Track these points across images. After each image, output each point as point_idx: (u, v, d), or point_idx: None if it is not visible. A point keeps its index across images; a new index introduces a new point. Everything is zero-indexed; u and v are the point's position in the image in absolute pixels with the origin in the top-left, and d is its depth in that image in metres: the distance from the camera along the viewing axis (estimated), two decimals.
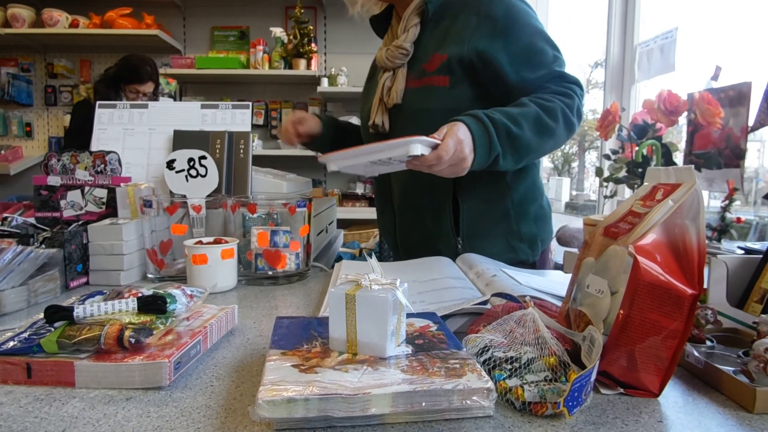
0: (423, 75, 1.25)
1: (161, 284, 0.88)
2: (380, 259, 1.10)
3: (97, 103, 1.43)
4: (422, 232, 1.32)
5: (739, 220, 1.51)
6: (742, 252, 0.95)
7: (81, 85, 4.06)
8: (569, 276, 0.75)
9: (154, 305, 0.70)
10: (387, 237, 1.50)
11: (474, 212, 1.28)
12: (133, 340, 0.62)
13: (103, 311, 0.68)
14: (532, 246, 1.32)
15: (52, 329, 0.65)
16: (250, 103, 1.43)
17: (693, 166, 0.82)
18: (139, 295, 0.72)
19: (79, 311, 0.66)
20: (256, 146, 3.80)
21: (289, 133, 1.40)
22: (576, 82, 1.20)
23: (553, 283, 0.97)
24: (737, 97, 1.61)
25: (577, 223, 2.29)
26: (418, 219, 1.34)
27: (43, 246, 0.99)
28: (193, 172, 1.27)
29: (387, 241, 1.53)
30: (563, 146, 1.25)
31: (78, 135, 2.89)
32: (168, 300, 0.72)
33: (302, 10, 3.57)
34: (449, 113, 1.15)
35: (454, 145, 0.98)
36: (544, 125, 1.11)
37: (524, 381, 0.57)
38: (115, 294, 0.75)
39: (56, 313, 0.66)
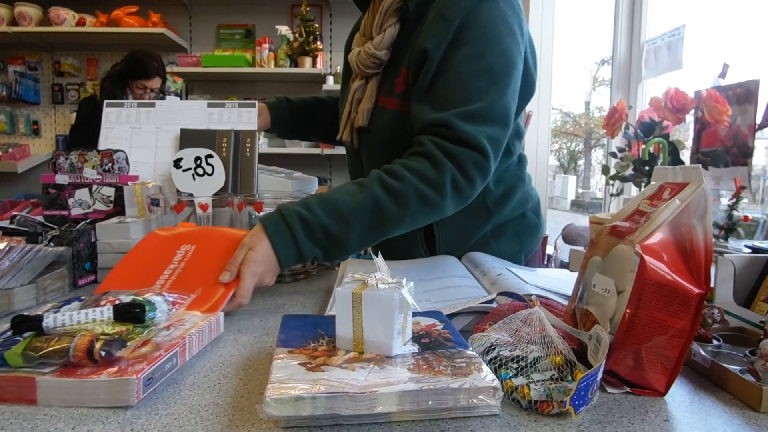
0: (392, 94, 1.10)
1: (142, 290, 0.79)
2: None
3: (105, 102, 1.44)
4: (394, 256, 1.15)
5: (746, 218, 1.51)
6: (750, 251, 0.94)
7: (88, 81, 4.08)
8: (575, 275, 0.75)
9: (130, 314, 0.65)
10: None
11: (450, 239, 1.18)
12: (104, 353, 0.57)
13: (76, 321, 0.62)
14: (514, 263, 1.19)
15: (20, 340, 0.59)
16: (257, 102, 1.43)
17: (700, 165, 0.81)
18: (116, 302, 0.67)
19: (48, 321, 0.61)
20: (262, 145, 3.81)
21: None
22: (468, 142, 0.96)
23: (560, 282, 0.97)
24: (745, 94, 1.61)
25: (583, 221, 2.29)
26: (390, 245, 1.14)
27: (52, 244, 0.99)
28: (199, 170, 1.27)
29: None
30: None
31: (83, 132, 2.91)
32: (146, 308, 0.67)
33: (308, 8, 3.57)
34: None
35: (245, 266, 0.87)
36: (385, 217, 0.93)
37: (530, 380, 0.57)
38: (93, 301, 0.70)
39: (24, 323, 0.61)
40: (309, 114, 1.47)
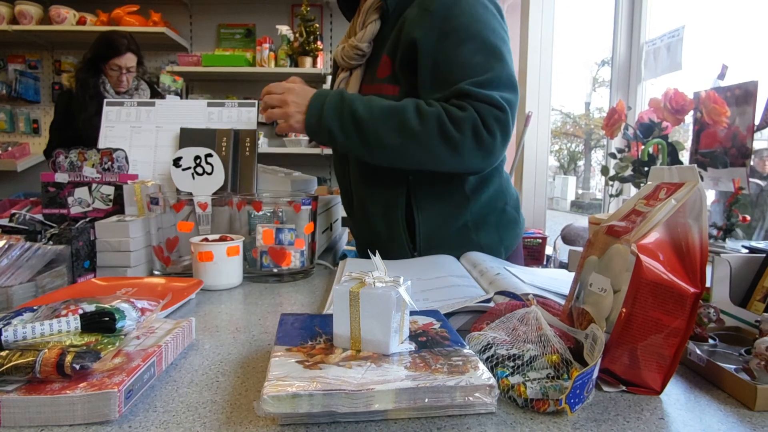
0: (374, 80, 1.19)
1: (108, 297, 0.75)
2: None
3: (105, 101, 1.44)
4: (379, 245, 1.19)
5: (744, 219, 1.51)
6: (747, 251, 0.95)
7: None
8: (572, 274, 0.75)
9: (100, 323, 0.61)
10: (358, 240, 1.47)
11: (430, 225, 1.22)
12: (77, 366, 0.52)
13: (39, 333, 0.58)
14: (495, 255, 1.23)
15: None
16: (257, 101, 1.44)
17: (696, 165, 0.82)
18: (81, 311, 0.63)
19: (8, 334, 0.56)
20: (262, 144, 3.81)
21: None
22: (486, 100, 1.03)
23: (557, 281, 0.97)
24: (744, 95, 1.61)
25: (582, 221, 2.29)
26: (374, 232, 1.29)
27: (51, 242, 0.99)
28: (199, 169, 1.27)
29: (357, 243, 1.49)
30: (461, 161, 1.08)
31: (61, 129, 2.79)
32: (116, 316, 0.63)
33: (308, 8, 3.57)
34: None
35: (284, 85, 1.09)
36: (405, 125, 1.03)
37: (527, 378, 0.57)
38: (50, 312, 0.65)
39: None
40: None
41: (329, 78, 3.67)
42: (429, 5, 1.10)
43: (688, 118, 1.84)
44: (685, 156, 1.84)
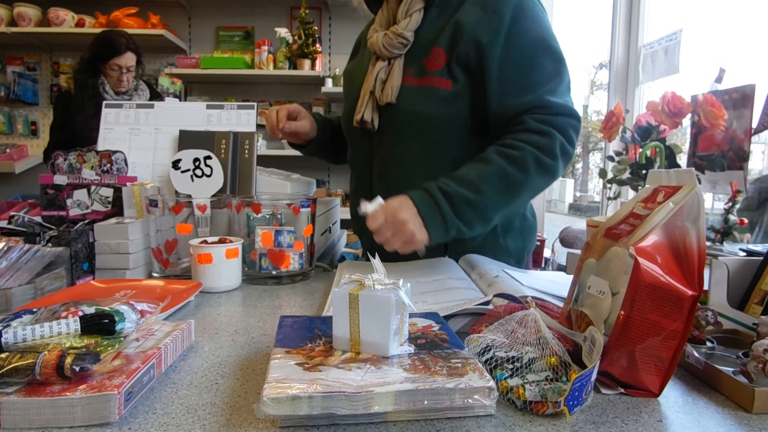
0: (423, 73, 1.15)
1: (108, 300, 0.76)
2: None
3: (104, 103, 1.44)
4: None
5: (742, 222, 1.51)
6: (744, 254, 0.95)
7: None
8: (570, 277, 0.75)
9: (100, 325, 0.61)
10: (364, 238, 1.41)
11: None
12: (77, 368, 0.52)
13: (39, 335, 0.58)
14: (519, 260, 1.28)
15: None
16: (255, 104, 1.44)
17: (693, 168, 0.82)
18: (80, 313, 0.63)
19: (8, 336, 0.57)
20: (261, 146, 3.81)
21: (273, 121, 1.29)
22: (564, 112, 1.08)
23: (555, 284, 0.97)
24: (741, 99, 1.62)
25: (580, 224, 2.29)
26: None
27: (50, 244, 0.99)
28: (198, 172, 1.28)
29: (363, 242, 1.44)
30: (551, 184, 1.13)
31: (60, 130, 2.75)
32: (116, 318, 0.63)
33: (307, 11, 3.58)
34: (449, 121, 1.14)
35: (384, 211, 0.97)
36: (511, 182, 1.03)
37: (525, 380, 0.58)
38: (50, 314, 0.65)
39: None
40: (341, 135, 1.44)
41: (328, 80, 3.68)
42: (496, 6, 1.10)
43: (686, 122, 1.85)
44: (682, 159, 1.85)
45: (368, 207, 0.97)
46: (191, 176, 1.27)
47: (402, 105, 1.16)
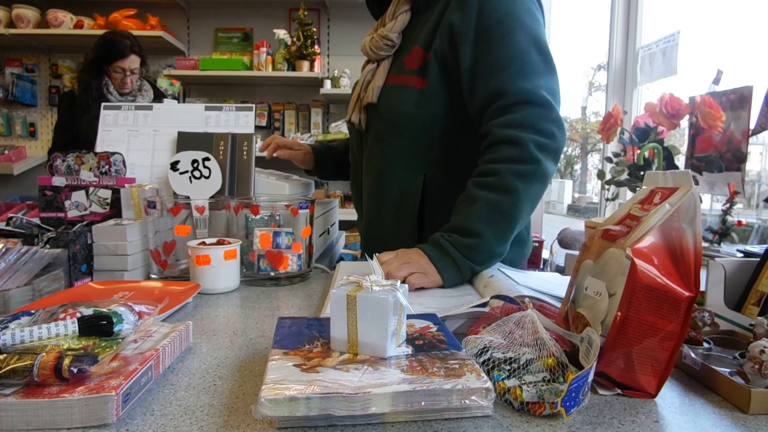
0: (401, 72, 1.16)
1: (106, 301, 0.77)
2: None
3: (102, 105, 1.44)
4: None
5: (740, 223, 1.52)
6: (742, 255, 0.95)
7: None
8: (565, 277, 0.75)
9: (98, 327, 0.62)
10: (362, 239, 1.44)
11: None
12: (75, 370, 0.52)
13: (37, 337, 0.58)
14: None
15: None
16: (254, 106, 1.44)
17: (690, 170, 0.82)
18: (78, 315, 0.63)
19: (6, 338, 0.57)
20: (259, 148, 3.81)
21: (267, 145, 1.52)
22: (527, 100, 1.01)
23: (551, 284, 0.97)
24: (738, 100, 1.62)
25: (579, 225, 2.29)
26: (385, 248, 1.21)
27: (48, 246, 0.99)
28: (196, 173, 1.28)
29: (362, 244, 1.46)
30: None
31: (65, 130, 2.73)
32: (114, 320, 0.63)
33: (306, 12, 3.58)
34: (423, 120, 1.14)
35: (396, 253, 0.99)
36: (502, 210, 0.99)
37: (522, 381, 0.58)
38: (48, 315, 0.65)
39: None
40: (344, 156, 1.56)
41: (327, 82, 3.68)
42: None
43: (684, 123, 1.85)
44: (680, 160, 1.85)
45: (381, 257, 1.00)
46: (189, 178, 1.28)
47: (381, 105, 1.19)
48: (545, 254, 2.43)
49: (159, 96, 2.93)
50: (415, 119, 1.14)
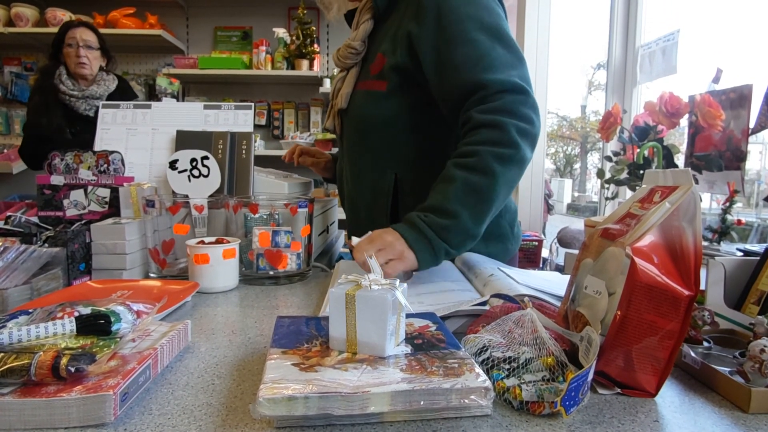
0: (366, 77, 1.21)
1: (105, 301, 0.76)
2: None
3: (101, 103, 1.44)
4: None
5: (739, 222, 1.52)
6: (741, 254, 0.95)
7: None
8: (564, 276, 0.75)
9: (95, 326, 0.61)
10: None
11: None
12: (72, 369, 0.52)
13: (34, 335, 0.58)
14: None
15: None
16: (253, 104, 1.44)
17: (690, 168, 0.82)
18: (76, 314, 0.63)
19: (3, 337, 0.57)
20: (258, 147, 3.81)
21: (292, 153, 1.58)
22: (507, 88, 1.01)
23: (550, 282, 0.97)
24: (738, 99, 1.62)
25: (578, 224, 2.30)
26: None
27: (46, 245, 0.99)
28: (195, 172, 1.27)
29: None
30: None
31: (32, 130, 2.66)
32: (112, 319, 0.63)
33: (305, 11, 3.57)
34: (387, 121, 1.17)
35: (370, 236, 0.96)
36: (479, 191, 0.98)
37: (522, 381, 0.57)
38: (46, 314, 0.65)
39: None
40: None
41: (326, 81, 3.68)
42: (423, 1, 1.09)
43: (683, 122, 1.85)
44: (680, 159, 1.85)
45: (355, 240, 0.97)
46: (188, 176, 1.27)
47: (350, 110, 1.24)
48: (545, 253, 2.43)
49: (127, 92, 2.79)
50: (381, 121, 1.18)
